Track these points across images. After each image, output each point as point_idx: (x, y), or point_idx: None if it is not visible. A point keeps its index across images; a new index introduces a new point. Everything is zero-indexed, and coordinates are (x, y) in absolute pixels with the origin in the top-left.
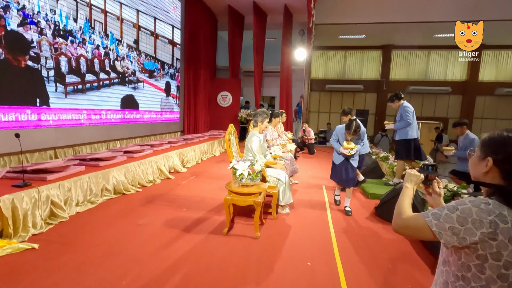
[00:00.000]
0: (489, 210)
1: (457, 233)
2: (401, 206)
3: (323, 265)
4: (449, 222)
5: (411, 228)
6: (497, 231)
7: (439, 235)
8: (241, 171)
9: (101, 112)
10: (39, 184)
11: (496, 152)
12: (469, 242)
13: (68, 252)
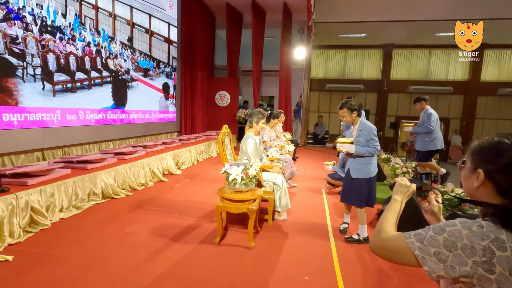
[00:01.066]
0: (483, 233)
1: (443, 259)
2: (383, 222)
3: (322, 280)
4: (435, 246)
5: (390, 250)
6: (493, 261)
7: (422, 261)
8: (234, 176)
9: (93, 112)
10: (18, 190)
11: (488, 162)
12: (459, 273)
13: (45, 265)
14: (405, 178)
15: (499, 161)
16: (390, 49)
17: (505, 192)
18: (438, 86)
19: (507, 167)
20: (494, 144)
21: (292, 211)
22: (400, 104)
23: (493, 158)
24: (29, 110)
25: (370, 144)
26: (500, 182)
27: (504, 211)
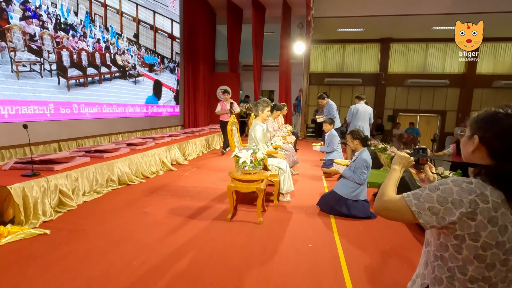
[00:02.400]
0: (471, 189)
1: (436, 212)
2: (384, 188)
3: (324, 247)
4: (429, 202)
5: (392, 210)
6: (477, 211)
7: (418, 215)
8: (244, 159)
9: (103, 105)
10: (47, 174)
11: (483, 129)
12: (448, 222)
13: (78, 239)
14: (404, 152)
15: (493, 128)
16: (388, 43)
17: (496, 155)
18: (435, 79)
19: (500, 133)
20: (490, 113)
21: (295, 194)
22: (398, 97)
23: (488, 126)
24: (47, 104)
25: (357, 171)
26: (492, 146)
27: (494, 170)
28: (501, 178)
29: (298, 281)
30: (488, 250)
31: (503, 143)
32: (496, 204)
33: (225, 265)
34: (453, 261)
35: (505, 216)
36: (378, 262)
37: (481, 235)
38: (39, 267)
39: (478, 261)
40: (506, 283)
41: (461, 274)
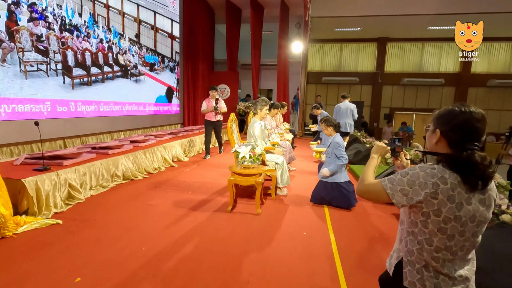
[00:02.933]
0: (433, 173)
1: (406, 194)
2: (365, 174)
3: (317, 234)
4: (401, 185)
5: (371, 192)
6: (438, 191)
7: (391, 196)
8: (243, 154)
9: (106, 104)
10: (57, 169)
11: (443, 124)
12: (415, 201)
13: (89, 228)
14: (382, 142)
15: (451, 123)
16: (384, 42)
17: (454, 145)
18: (431, 78)
19: (456, 127)
20: (448, 110)
21: (292, 188)
22: (394, 96)
23: (447, 121)
24: (53, 102)
25: (337, 154)
26: (451, 138)
27: (452, 158)
28: (457, 164)
29: (293, 263)
30: (448, 223)
31: (458, 135)
32: (453, 185)
33: (226, 250)
34: (421, 235)
35: (461, 195)
36: (367, 248)
37: (442, 211)
38: (56, 251)
39: (441, 233)
40: (464, 251)
41: (428, 245)
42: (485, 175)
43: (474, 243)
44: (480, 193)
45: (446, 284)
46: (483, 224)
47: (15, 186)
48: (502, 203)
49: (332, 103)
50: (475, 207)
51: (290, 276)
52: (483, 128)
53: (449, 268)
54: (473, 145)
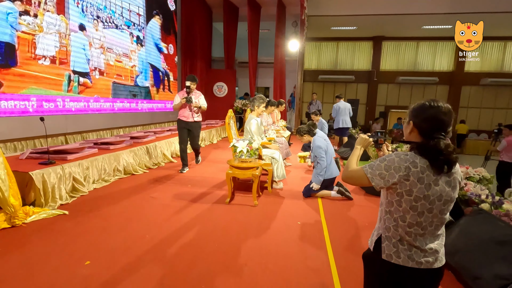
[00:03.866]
0: (406, 159)
1: (383, 177)
2: (349, 162)
3: (311, 223)
4: (379, 170)
5: (354, 177)
6: (409, 174)
7: (371, 180)
8: (241, 149)
9: (106, 101)
10: (62, 163)
11: (415, 116)
12: (391, 183)
13: (95, 218)
14: (366, 135)
15: (422, 115)
16: (380, 41)
17: (424, 134)
18: (425, 77)
19: (426, 118)
20: (420, 105)
21: (287, 182)
22: (389, 94)
23: (419, 114)
24: (56, 99)
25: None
26: (421, 128)
27: (421, 146)
28: (425, 151)
29: (288, 249)
30: (418, 202)
31: (428, 126)
32: (423, 168)
33: (225, 238)
34: (396, 213)
35: (429, 177)
36: (356, 234)
37: (413, 191)
38: (66, 238)
39: (412, 211)
40: (433, 227)
41: (402, 221)
42: (449, 160)
43: (442, 219)
44: (446, 176)
45: (418, 255)
46: (449, 203)
47: (22, 178)
48: (482, 193)
49: (328, 101)
50: (441, 188)
51: (285, 259)
52: (449, 120)
53: (420, 242)
54: (440, 134)
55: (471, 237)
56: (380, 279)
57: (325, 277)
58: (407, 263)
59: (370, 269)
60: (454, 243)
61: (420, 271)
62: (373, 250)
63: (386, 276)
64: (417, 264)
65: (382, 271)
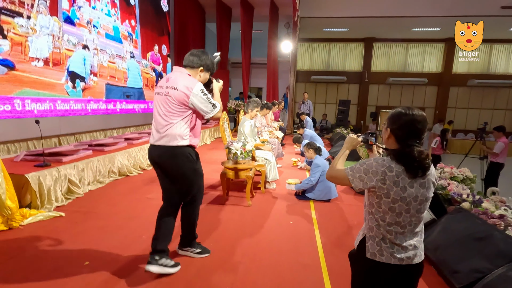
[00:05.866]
0: (383, 164)
1: (362, 179)
2: (334, 162)
3: (302, 222)
4: (359, 172)
5: (337, 177)
6: (386, 178)
7: (351, 181)
8: (235, 150)
9: (100, 102)
10: (57, 165)
11: (392, 123)
12: (369, 186)
13: (92, 219)
14: (355, 135)
15: (397, 122)
16: (371, 42)
17: (399, 141)
18: (414, 78)
19: (401, 126)
20: (396, 112)
21: (280, 182)
22: (380, 94)
23: (395, 121)
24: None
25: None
26: (397, 135)
27: (397, 153)
28: (401, 158)
29: (280, 246)
30: (396, 203)
31: (402, 133)
32: (398, 173)
33: (220, 236)
34: (377, 214)
35: (404, 180)
36: (345, 232)
37: (390, 193)
38: (65, 239)
39: (391, 212)
40: (412, 226)
41: (382, 221)
42: (421, 165)
43: (420, 218)
44: (420, 178)
45: (399, 252)
46: (425, 202)
47: (18, 181)
48: (464, 193)
49: (320, 102)
50: (417, 189)
51: (278, 256)
52: (422, 128)
53: (401, 240)
54: (414, 141)
55: (451, 234)
56: (365, 277)
57: (315, 272)
58: (390, 260)
59: (356, 267)
60: (435, 240)
61: (402, 267)
62: (358, 249)
63: (371, 273)
64: (399, 261)
65: (367, 269)
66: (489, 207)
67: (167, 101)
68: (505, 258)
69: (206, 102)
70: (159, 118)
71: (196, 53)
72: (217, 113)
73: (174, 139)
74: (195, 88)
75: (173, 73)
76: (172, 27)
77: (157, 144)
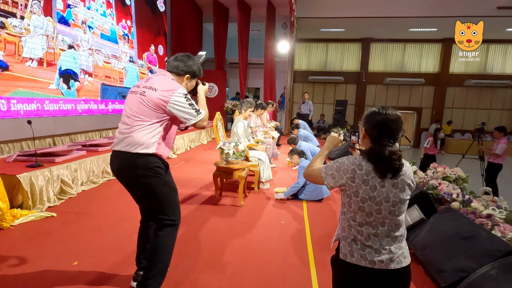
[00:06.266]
0: (354, 162)
1: (334, 177)
2: (313, 160)
3: (294, 222)
4: (331, 170)
5: (312, 176)
6: (355, 176)
7: (324, 179)
8: (227, 151)
9: (95, 102)
10: (50, 165)
11: (366, 123)
12: (340, 184)
13: (84, 219)
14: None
15: (371, 122)
16: (368, 43)
17: (373, 140)
18: (412, 78)
19: (374, 125)
20: (371, 112)
21: (274, 182)
22: (378, 95)
23: (369, 121)
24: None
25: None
26: (370, 134)
27: (368, 151)
28: (370, 156)
29: (270, 246)
30: (365, 202)
31: (375, 132)
32: (368, 171)
33: (211, 237)
34: (348, 213)
35: (374, 179)
36: None
37: (359, 192)
38: (55, 239)
39: (361, 211)
40: (386, 227)
41: (353, 221)
42: (391, 166)
43: (396, 221)
44: (392, 178)
45: (371, 255)
46: (399, 204)
47: (10, 181)
48: (454, 193)
49: (318, 102)
50: (388, 189)
51: (267, 256)
52: (396, 128)
53: (374, 242)
54: (388, 141)
55: (439, 233)
56: (340, 279)
57: (303, 272)
58: (359, 262)
59: (333, 269)
60: (423, 239)
61: (375, 271)
62: (334, 250)
63: (344, 275)
64: (370, 264)
65: (341, 270)
66: (478, 207)
67: (141, 101)
68: (489, 257)
69: (188, 108)
70: (126, 119)
71: (181, 58)
72: (201, 121)
73: (138, 144)
74: (177, 92)
75: (156, 75)
76: (168, 27)
77: (117, 150)
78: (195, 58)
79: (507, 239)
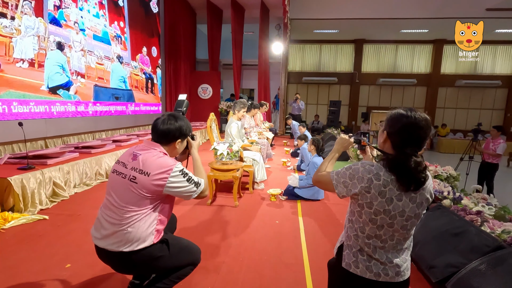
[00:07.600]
0: (370, 170)
1: (346, 185)
2: (322, 164)
3: (288, 222)
4: (343, 178)
5: (321, 182)
6: (371, 186)
7: (335, 186)
8: (221, 151)
9: (88, 104)
10: (42, 168)
11: (390, 126)
12: (352, 193)
13: (76, 221)
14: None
15: (395, 126)
16: (361, 44)
17: (396, 147)
18: (404, 79)
19: (399, 130)
20: (396, 114)
21: (269, 182)
22: (371, 95)
23: (393, 124)
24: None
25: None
26: (394, 140)
27: (391, 159)
28: (393, 166)
29: (264, 246)
30: (378, 215)
31: (400, 139)
32: (386, 182)
33: (205, 237)
34: (357, 223)
35: (392, 191)
36: (330, 231)
37: (373, 204)
38: (46, 242)
39: (372, 223)
40: (395, 241)
41: (361, 232)
42: (416, 179)
43: (406, 235)
44: (412, 192)
45: (377, 267)
46: (413, 219)
47: (1, 184)
48: (445, 190)
49: (312, 103)
50: (405, 204)
51: (261, 255)
52: (424, 136)
53: (380, 254)
54: (413, 150)
55: (430, 230)
56: (338, 286)
57: (298, 272)
58: (364, 274)
59: (332, 275)
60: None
61: (379, 284)
62: (336, 256)
63: (345, 284)
64: (375, 276)
65: (342, 278)
66: (468, 204)
67: (132, 190)
68: (478, 252)
69: (187, 185)
70: (113, 208)
71: (170, 121)
72: (202, 192)
73: (132, 241)
74: (173, 171)
75: (142, 150)
76: (162, 29)
77: (104, 248)
78: (180, 107)
79: (495, 234)
